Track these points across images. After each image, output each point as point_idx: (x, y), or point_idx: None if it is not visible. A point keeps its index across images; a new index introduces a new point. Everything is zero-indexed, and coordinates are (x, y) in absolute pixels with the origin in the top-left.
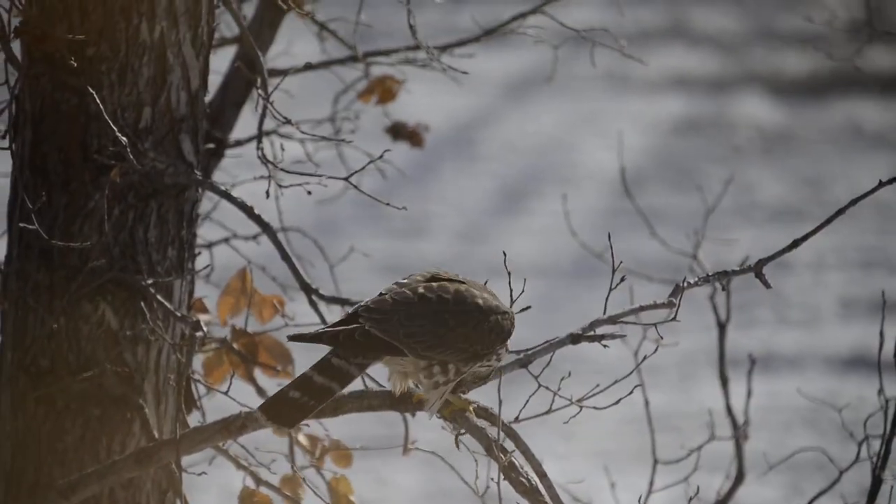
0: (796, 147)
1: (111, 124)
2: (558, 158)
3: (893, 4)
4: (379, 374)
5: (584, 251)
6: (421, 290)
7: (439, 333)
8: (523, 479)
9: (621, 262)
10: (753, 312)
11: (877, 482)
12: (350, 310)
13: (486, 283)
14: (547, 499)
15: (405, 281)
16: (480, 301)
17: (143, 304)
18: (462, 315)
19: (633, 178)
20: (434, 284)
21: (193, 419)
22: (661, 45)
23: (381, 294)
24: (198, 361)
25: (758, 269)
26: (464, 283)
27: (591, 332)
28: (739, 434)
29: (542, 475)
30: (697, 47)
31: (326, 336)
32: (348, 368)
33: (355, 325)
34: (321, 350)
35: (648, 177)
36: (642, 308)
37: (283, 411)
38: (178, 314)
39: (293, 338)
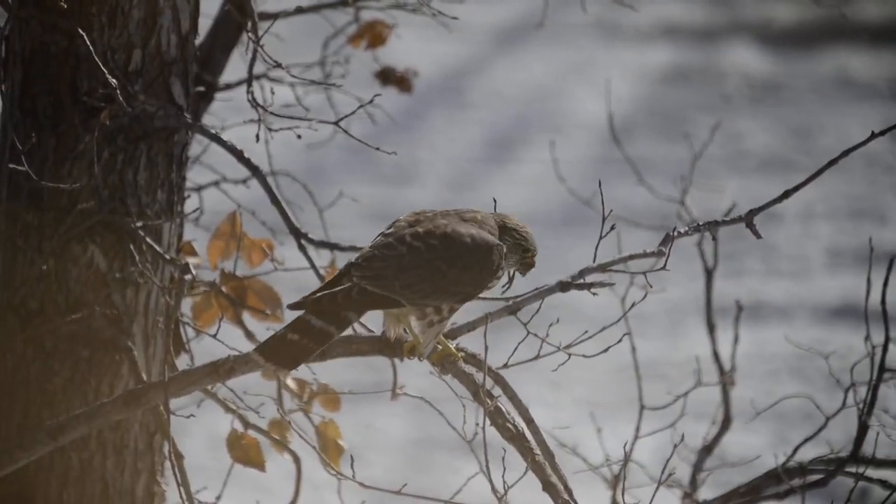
0: (785, 96)
1: (101, 66)
2: (547, 107)
3: None
4: (367, 319)
5: (572, 199)
6: (409, 239)
7: (434, 280)
8: (510, 425)
9: (611, 211)
10: (742, 262)
11: (863, 428)
12: (342, 268)
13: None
14: (533, 444)
15: (390, 231)
16: (468, 240)
17: (132, 246)
18: (453, 258)
19: (621, 127)
20: (420, 230)
21: (182, 362)
22: None
23: (369, 248)
24: (186, 305)
25: (748, 219)
26: (447, 220)
27: (581, 280)
28: (726, 380)
29: (529, 421)
30: None
31: (326, 299)
32: (346, 314)
33: (351, 284)
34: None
35: (637, 125)
36: (632, 256)
37: (282, 353)
38: (168, 257)
39: (292, 306)
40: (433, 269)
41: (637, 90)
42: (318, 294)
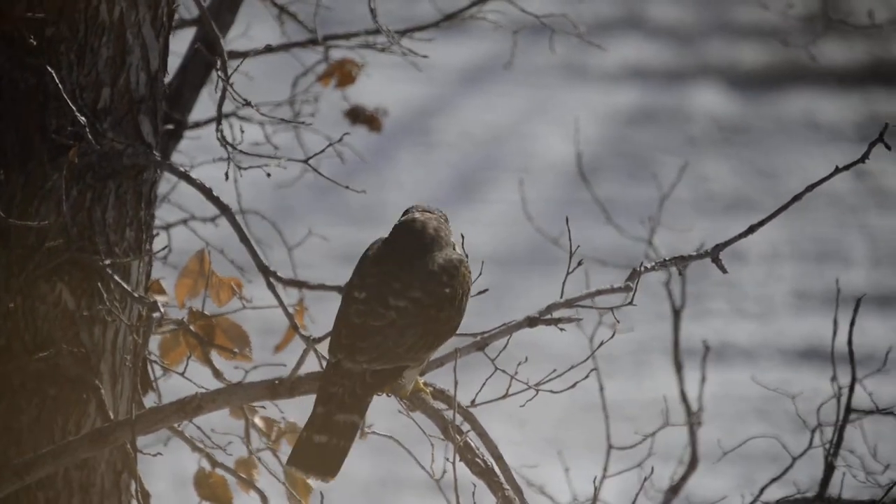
0: (752, 139)
1: (70, 104)
2: (515, 147)
3: None
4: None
5: (539, 240)
6: (392, 301)
7: (431, 329)
8: (479, 460)
9: (578, 247)
10: (708, 303)
11: (829, 469)
12: (339, 353)
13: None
14: (502, 480)
15: (363, 296)
16: (444, 276)
17: (100, 284)
18: (440, 300)
19: (589, 168)
20: (397, 286)
21: (149, 400)
22: (617, 36)
23: (355, 318)
24: (154, 343)
25: (714, 254)
26: (408, 256)
27: (548, 316)
28: (693, 420)
29: (499, 457)
30: (653, 38)
31: (347, 396)
32: (366, 400)
33: (361, 371)
34: (279, 332)
35: (604, 166)
36: (599, 292)
37: (317, 459)
38: (136, 295)
39: (317, 416)
40: (427, 319)
41: (604, 131)
42: (331, 389)
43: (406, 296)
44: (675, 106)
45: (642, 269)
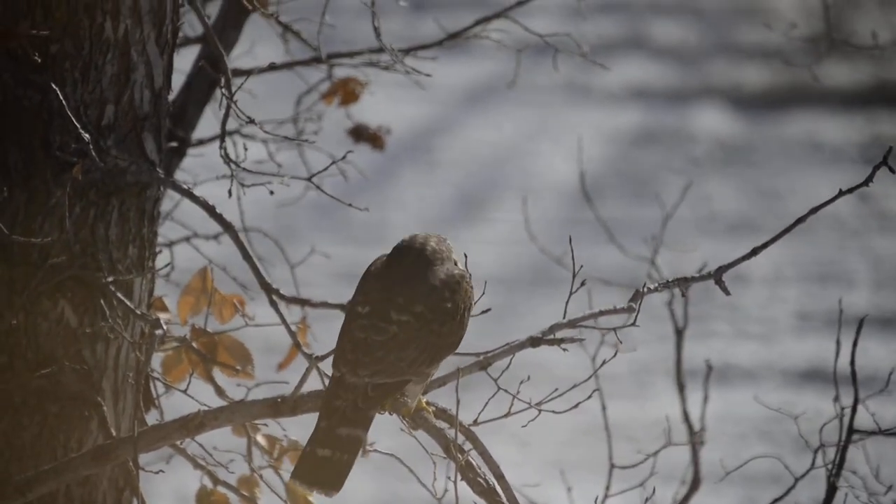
0: (755, 159)
1: (74, 121)
2: (518, 167)
3: (851, 18)
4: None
5: (543, 261)
6: (394, 315)
7: (433, 342)
8: (480, 480)
9: (581, 267)
10: (710, 325)
11: (831, 490)
12: (343, 367)
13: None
14: (504, 499)
15: (366, 310)
16: (446, 292)
17: (102, 301)
18: (442, 315)
19: (592, 188)
20: (400, 300)
21: (151, 418)
22: (620, 57)
23: (359, 333)
24: (157, 360)
25: (717, 276)
26: (411, 271)
27: (551, 336)
28: (695, 440)
29: (500, 477)
30: (657, 59)
31: (349, 410)
32: (370, 414)
33: (364, 384)
34: (282, 350)
35: (607, 186)
36: (602, 312)
37: (322, 473)
38: (138, 312)
39: (320, 433)
40: (429, 333)
41: (607, 151)
42: (334, 403)
43: (408, 310)
44: (679, 126)
45: (645, 290)
